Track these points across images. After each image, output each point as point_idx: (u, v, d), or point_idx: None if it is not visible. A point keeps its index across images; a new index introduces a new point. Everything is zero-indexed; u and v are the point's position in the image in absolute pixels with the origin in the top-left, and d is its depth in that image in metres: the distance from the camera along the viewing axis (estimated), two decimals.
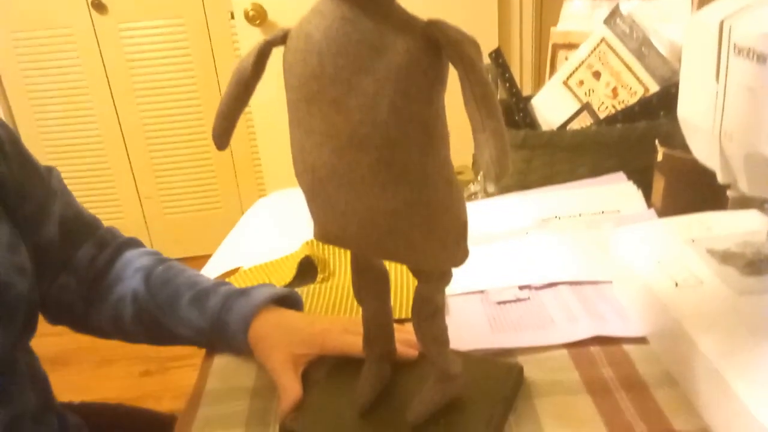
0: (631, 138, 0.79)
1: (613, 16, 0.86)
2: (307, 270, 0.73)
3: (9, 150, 0.59)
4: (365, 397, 0.49)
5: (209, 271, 0.80)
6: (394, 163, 0.36)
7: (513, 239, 0.74)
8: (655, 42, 0.83)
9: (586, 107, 0.88)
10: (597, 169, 0.82)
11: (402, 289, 0.67)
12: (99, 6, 2.05)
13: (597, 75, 0.87)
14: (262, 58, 0.39)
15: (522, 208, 0.81)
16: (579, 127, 0.88)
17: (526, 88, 1.84)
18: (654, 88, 0.83)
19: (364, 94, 0.35)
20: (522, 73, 1.85)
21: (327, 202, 0.40)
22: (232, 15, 1.91)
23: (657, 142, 0.73)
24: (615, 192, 0.80)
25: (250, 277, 0.74)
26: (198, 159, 2.29)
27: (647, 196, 0.77)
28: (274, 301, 0.60)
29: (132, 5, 2.06)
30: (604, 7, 0.95)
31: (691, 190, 0.70)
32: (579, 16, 1.00)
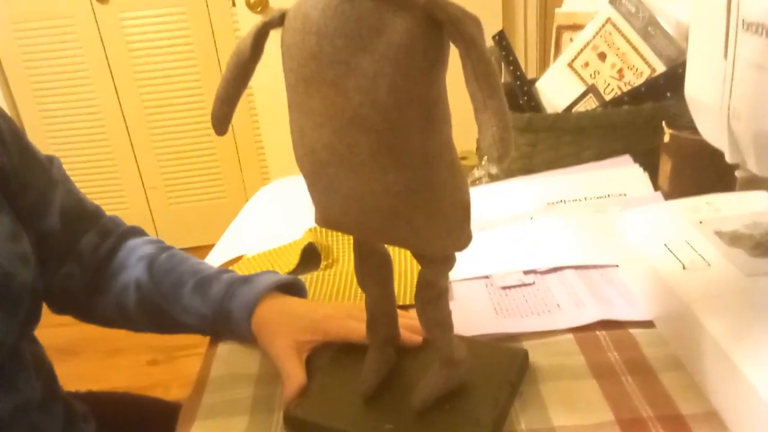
0: (638, 120, 0.78)
1: None
2: (310, 257, 0.73)
3: (9, 140, 0.58)
4: (369, 382, 0.49)
5: (213, 260, 0.80)
6: (395, 145, 0.36)
7: (518, 223, 0.74)
8: (661, 21, 0.82)
9: (591, 89, 0.87)
10: (603, 152, 0.81)
11: (405, 275, 0.66)
12: None
13: (602, 56, 0.86)
14: (260, 40, 0.39)
15: (527, 193, 0.80)
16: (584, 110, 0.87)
17: (531, 70, 1.82)
18: (661, 69, 0.81)
19: (364, 75, 0.34)
20: (527, 55, 1.84)
21: (328, 185, 0.39)
22: (233, 2, 1.90)
23: (664, 123, 0.72)
24: (621, 175, 0.79)
25: (253, 264, 0.74)
26: (202, 148, 2.28)
27: (654, 178, 0.77)
28: (278, 288, 0.60)
29: None
30: None
31: (699, 172, 0.69)
32: None
